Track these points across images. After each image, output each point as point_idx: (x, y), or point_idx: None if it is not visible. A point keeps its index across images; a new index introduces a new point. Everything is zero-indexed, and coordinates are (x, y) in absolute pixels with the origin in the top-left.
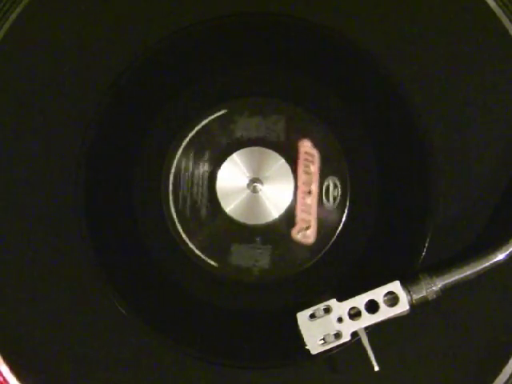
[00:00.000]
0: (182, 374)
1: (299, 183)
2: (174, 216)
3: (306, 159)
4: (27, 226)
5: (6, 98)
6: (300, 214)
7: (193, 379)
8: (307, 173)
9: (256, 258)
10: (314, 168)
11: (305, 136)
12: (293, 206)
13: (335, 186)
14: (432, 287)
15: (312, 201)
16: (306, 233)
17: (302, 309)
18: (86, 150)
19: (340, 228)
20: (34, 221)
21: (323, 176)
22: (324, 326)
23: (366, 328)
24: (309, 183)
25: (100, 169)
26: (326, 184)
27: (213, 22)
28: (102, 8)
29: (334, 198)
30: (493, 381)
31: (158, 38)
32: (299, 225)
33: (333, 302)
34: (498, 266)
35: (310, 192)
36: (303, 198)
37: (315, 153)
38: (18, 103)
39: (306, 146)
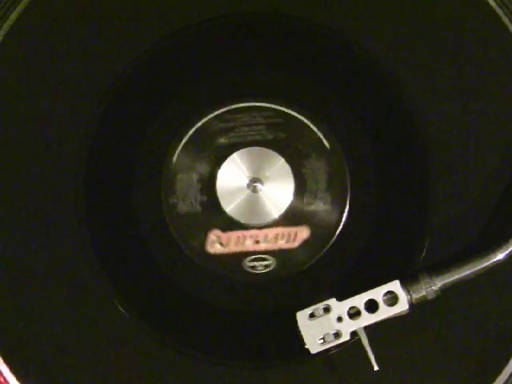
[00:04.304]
0: (182, 373)
1: (263, 231)
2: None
3: (288, 235)
4: (27, 226)
5: (6, 98)
6: (223, 234)
7: (193, 379)
8: (274, 238)
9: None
10: (279, 244)
11: (305, 221)
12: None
13: (266, 267)
14: (431, 287)
15: (244, 243)
16: (216, 246)
17: (301, 308)
18: (85, 150)
19: (340, 228)
20: (34, 221)
21: (272, 253)
22: (323, 326)
23: (366, 327)
24: (262, 240)
25: (100, 168)
26: (264, 257)
27: (213, 22)
28: (102, 8)
29: (251, 268)
30: (493, 381)
31: (158, 38)
32: (211, 238)
33: (332, 302)
34: (498, 265)
35: (256, 241)
36: (244, 234)
37: (297, 243)
38: (18, 103)
39: (301, 232)
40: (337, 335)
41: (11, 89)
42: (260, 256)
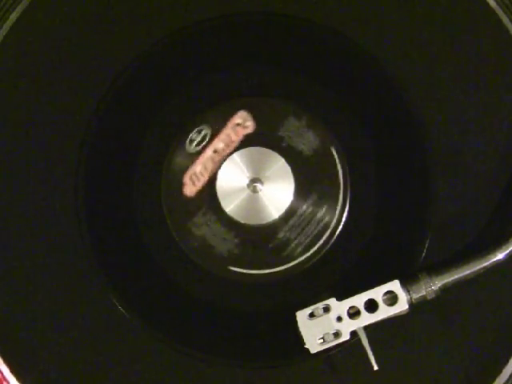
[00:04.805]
0: (182, 374)
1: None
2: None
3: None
4: (27, 226)
5: (5, 98)
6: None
7: (193, 379)
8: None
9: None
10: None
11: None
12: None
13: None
14: (431, 287)
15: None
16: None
17: (301, 308)
18: (85, 150)
19: (340, 228)
20: (34, 221)
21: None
22: (323, 325)
23: (366, 327)
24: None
25: (100, 169)
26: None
27: (213, 22)
28: (102, 8)
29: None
30: (493, 381)
31: (158, 38)
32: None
33: (332, 301)
34: (498, 265)
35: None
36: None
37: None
38: (18, 103)
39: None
40: (336, 335)
41: (11, 88)
42: (200, 132)
